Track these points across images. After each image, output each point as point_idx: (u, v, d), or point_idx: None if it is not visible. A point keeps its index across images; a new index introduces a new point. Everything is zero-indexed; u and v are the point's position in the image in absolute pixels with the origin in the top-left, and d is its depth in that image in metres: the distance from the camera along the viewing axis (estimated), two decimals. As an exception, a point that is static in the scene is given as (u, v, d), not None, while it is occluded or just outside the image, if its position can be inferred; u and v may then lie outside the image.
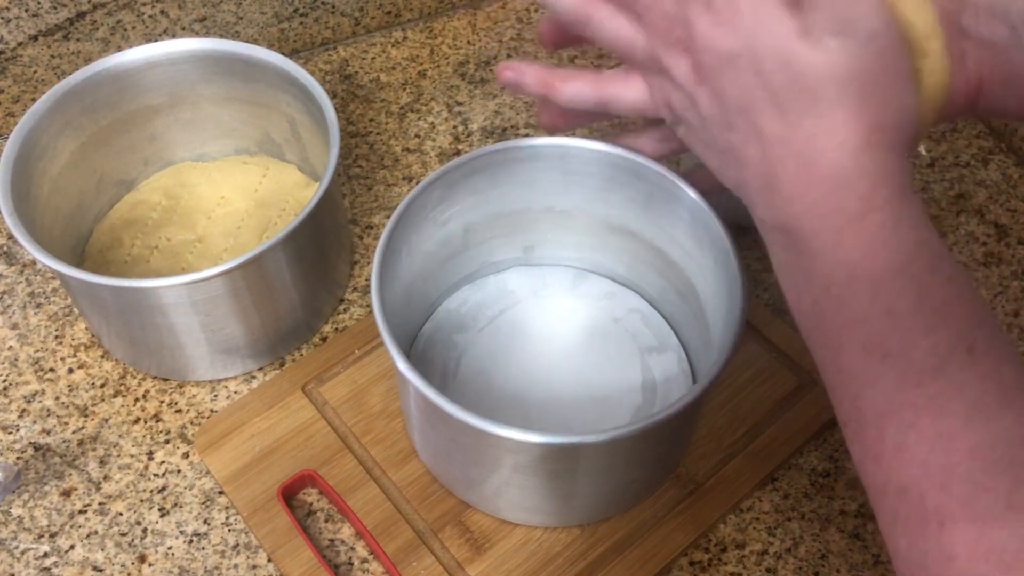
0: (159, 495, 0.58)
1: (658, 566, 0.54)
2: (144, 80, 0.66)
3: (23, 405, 0.62)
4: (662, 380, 0.60)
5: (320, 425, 0.59)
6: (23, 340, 0.65)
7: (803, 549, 0.55)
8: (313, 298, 0.64)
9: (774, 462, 0.58)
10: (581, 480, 0.51)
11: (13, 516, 0.57)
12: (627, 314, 0.63)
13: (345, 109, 0.79)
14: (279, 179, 0.72)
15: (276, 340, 0.63)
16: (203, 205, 0.70)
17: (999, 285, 0.68)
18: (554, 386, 0.60)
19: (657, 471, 0.55)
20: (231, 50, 0.66)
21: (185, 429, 0.61)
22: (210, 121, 0.71)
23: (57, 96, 0.62)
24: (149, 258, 0.67)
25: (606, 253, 0.63)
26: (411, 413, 0.54)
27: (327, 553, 0.55)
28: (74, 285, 0.58)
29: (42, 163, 0.62)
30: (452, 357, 0.61)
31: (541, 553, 0.54)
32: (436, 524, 0.55)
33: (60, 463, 0.59)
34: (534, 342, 0.62)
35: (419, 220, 0.55)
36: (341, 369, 0.62)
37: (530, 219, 0.62)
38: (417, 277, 0.58)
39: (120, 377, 0.63)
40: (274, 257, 0.58)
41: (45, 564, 0.55)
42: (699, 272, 0.56)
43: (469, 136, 0.77)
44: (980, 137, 0.77)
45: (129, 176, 0.71)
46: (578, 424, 0.58)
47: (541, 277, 0.65)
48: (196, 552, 0.56)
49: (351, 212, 0.72)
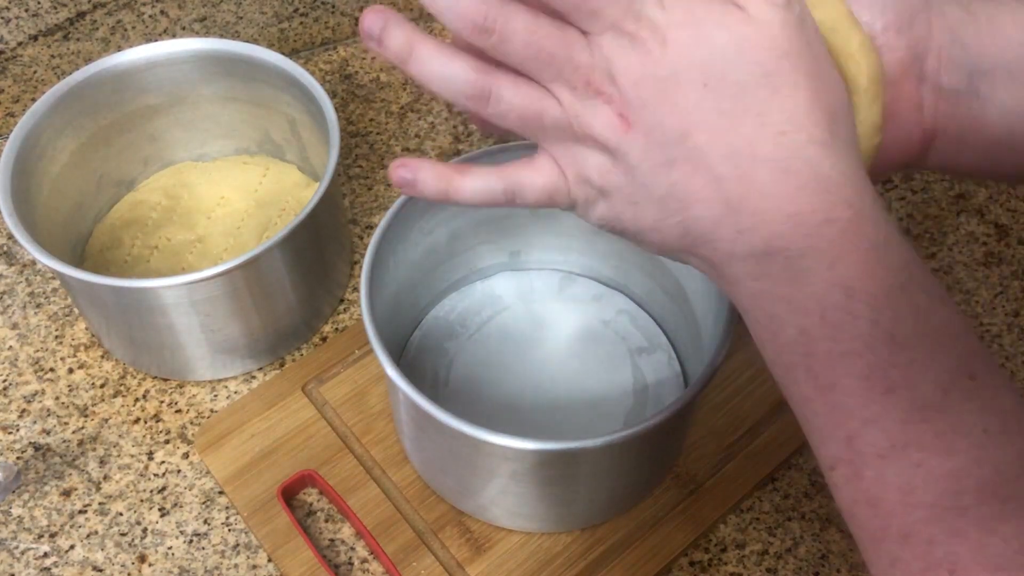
0: (159, 495, 0.58)
1: (658, 566, 0.54)
2: (144, 80, 0.66)
3: (23, 405, 0.62)
4: (653, 382, 0.60)
5: (320, 425, 0.59)
6: (23, 340, 0.65)
7: (803, 549, 0.55)
8: (313, 298, 0.64)
9: (774, 462, 0.58)
10: (577, 485, 0.51)
11: (13, 516, 0.57)
12: (616, 316, 0.63)
13: (345, 109, 0.79)
14: (279, 179, 0.72)
15: (276, 340, 0.63)
16: (203, 205, 0.70)
17: (999, 285, 0.68)
18: (546, 391, 0.60)
19: (654, 472, 0.55)
20: (231, 50, 0.66)
21: (185, 429, 0.61)
22: (210, 121, 0.71)
23: (57, 96, 0.62)
24: (149, 258, 0.67)
25: (593, 255, 0.63)
26: (403, 422, 0.54)
27: (327, 553, 0.55)
28: (74, 285, 0.58)
29: (42, 163, 0.62)
30: (442, 365, 0.61)
31: (541, 553, 0.54)
32: (436, 524, 0.55)
33: (60, 463, 0.59)
34: (524, 347, 0.62)
35: (405, 230, 0.55)
36: (341, 369, 0.62)
37: (516, 224, 0.62)
38: (404, 286, 0.58)
39: (120, 377, 0.63)
40: (274, 257, 0.58)
41: (45, 564, 0.55)
42: (687, 271, 0.56)
43: (469, 136, 0.77)
44: (980, 137, 0.77)
45: (129, 176, 0.71)
46: (571, 429, 0.58)
47: (528, 282, 0.65)
48: (196, 552, 0.56)
49: (351, 212, 0.72)
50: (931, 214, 0.72)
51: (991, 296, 0.67)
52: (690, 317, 0.57)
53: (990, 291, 0.67)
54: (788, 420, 0.59)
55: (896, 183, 0.74)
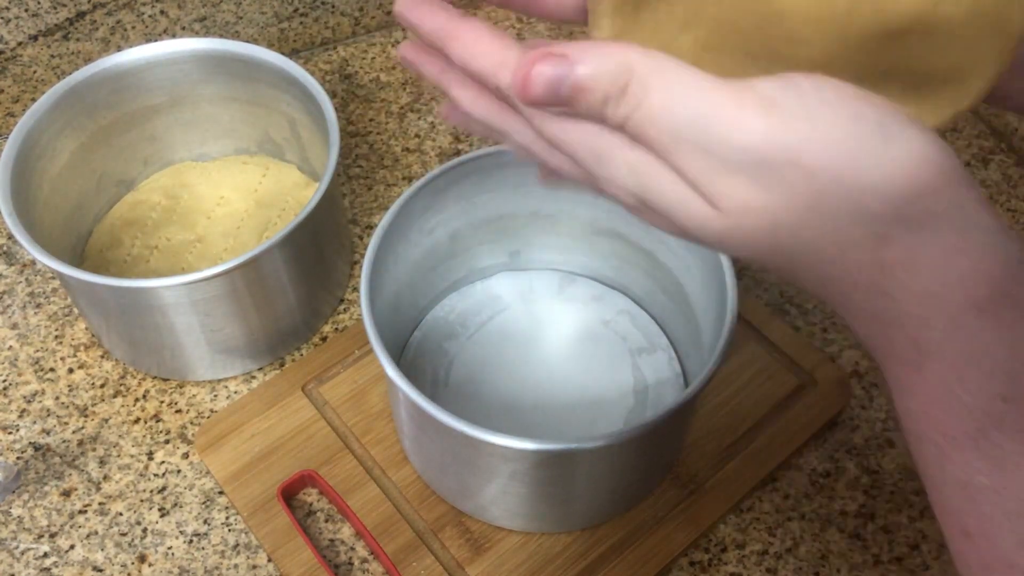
0: (159, 495, 0.58)
1: (658, 566, 0.54)
2: (144, 80, 0.66)
3: (23, 405, 0.62)
4: (653, 382, 0.60)
5: (320, 425, 0.59)
6: (23, 340, 0.65)
7: (803, 549, 0.55)
8: (313, 298, 0.64)
9: (774, 462, 0.57)
10: (577, 485, 0.51)
11: (13, 516, 0.57)
12: (616, 316, 0.63)
13: (345, 109, 0.79)
14: (279, 179, 0.71)
15: (276, 340, 0.63)
16: (203, 205, 0.70)
17: (999, 285, 0.68)
18: (546, 391, 0.60)
19: (654, 472, 0.55)
20: (231, 50, 0.66)
21: (185, 429, 0.61)
22: (210, 121, 0.71)
23: (57, 96, 0.62)
24: (149, 258, 0.67)
25: (593, 256, 0.63)
26: (403, 422, 0.54)
27: (327, 553, 0.55)
28: (74, 285, 0.58)
29: (42, 163, 0.62)
30: (442, 365, 0.61)
31: (541, 553, 0.54)
32: (436, 524, 0.55)
33: (60, 463, 0.59)
34: (524, 348, 0.62)
35: (405, 230, 0.55)
36: (341, 369, 0.62)
37: (516, 224, 0.62)
38: (405, 286, 0.58)
39: (120, 377, 0.63)
40: (274, 257, 0.58)
41: (45, 564, 0.55)
42: (687, 272, 0.56)
43: (469, 136, 0.77)
44: (980, 137, 0.77)
45: (129, 176, 0.71)
46: (571, 429, 0.58)
47: (528, 282, 0.65)
48: (196, 552, 0.56)
49: (351, 212, 0.72)
50: (931, 214, 0.72)
51: (991, 296, 0.67)
52: (690, 317, 0.57)
53: (990, 291, 0.67)
54: (788, 420, 0.59)
55: (896, 183, 0.74)
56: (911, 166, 0.25)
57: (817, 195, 0.26)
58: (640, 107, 0.27)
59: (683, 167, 0.27)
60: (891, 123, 0.25)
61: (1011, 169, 0.75)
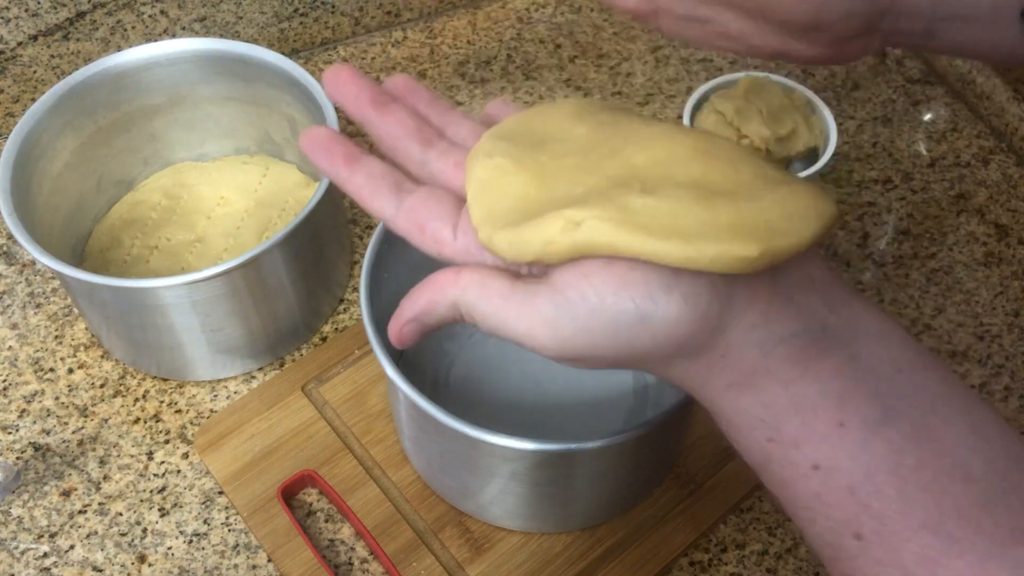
0: (159, 495, 0.58)
1: (658, 566, 0.54)
2: (144, 80, 0.66)
3: (23, 405, 0.62)
4: (653, 382, 0.60)
5: (320, 425, 0.59)
6: (23, 340, 0.65)
7: (803, 549, 0.55)
8: (313, 298, 0.64)
9: (774, 462, 0.57)
10: (577, 485, 0.51)
11: (13, 516, 0.57)
12: None
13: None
14: (279, 179, 0.71)
15: (276, 340, 0.63)
16: (203, 205, 0.70)
17: (999, 285, 0.68)
18: (545, 391, 0.60)
19: (654, 473, 0.55)
20: (231, 50, 0.66)
21: (185, 429, 0.61)
22: (210, 121, 0.71)
23: (57, 96, 0.62)
24: (149, 258, 0.67)
25: None
26: (403, 422, 0.54)
27: (327, 553, 0.55)
28: (74, 285, 0.58)
29: (42, 163, 0.62)
30: (442, 366, 0.61)
31: (541, 553, 0.54)
32: (436, 524, 0.55)
33: (60, 463, 0.59)
34: (523, 348, 0.61)
35: None
36: (341, 369, 0.62)
37: None
38: (405, 286, 0.58)
39: (120, 377, 0.63)
40: (274, 257, 0.58)
41: (45, 564, 0.55)
42: None
43: (469, 136, 0.77)
44: (980, 137, 0.77)
45: (129, 176, 0.71)
46: (571, 429, 0.58)
47: None
48: (196, 552, 0.56)
49: (351, 212, 0.72)
50: (931, 214, 0.72)
51: (991, 296, 0.67)
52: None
53: (990, 291, 0.67)
54: (788, 420, 0.59)
55: (896, 183, 0.74)
56: (668, 330, 0.33)
57: (612, 362, 0.35)
58: (472, 316, 0.37)
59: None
60: (647, 305, 0.32)
61: (1011, 169, 0.75)
